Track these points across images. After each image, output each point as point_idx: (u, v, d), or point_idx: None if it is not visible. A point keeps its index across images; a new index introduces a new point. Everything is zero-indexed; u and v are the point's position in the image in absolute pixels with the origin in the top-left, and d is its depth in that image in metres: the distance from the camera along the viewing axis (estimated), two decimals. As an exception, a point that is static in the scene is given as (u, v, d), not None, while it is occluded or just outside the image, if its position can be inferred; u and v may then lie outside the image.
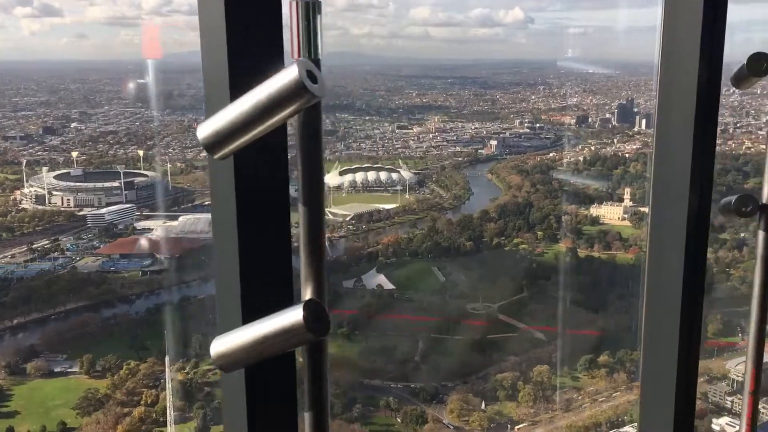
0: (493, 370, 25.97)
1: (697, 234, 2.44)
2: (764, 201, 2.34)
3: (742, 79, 2.27)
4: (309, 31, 1.14)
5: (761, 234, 2.38)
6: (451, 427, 24.11)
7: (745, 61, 2.20)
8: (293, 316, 1.12)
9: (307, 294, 1.19)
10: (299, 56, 1.13)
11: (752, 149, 30.56)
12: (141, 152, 36.20)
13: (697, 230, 2.43)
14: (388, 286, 29.21)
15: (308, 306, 1.13)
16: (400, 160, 36.09)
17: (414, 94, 40.49)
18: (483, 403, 24.60)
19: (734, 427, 21.23)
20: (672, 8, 2.35)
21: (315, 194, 1.18)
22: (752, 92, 32.57)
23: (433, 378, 25.76)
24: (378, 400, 24.94)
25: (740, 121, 32.09)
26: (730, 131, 31.91)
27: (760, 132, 31.35)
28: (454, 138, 37.48)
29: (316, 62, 1.13)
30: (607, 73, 38.19)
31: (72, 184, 33.13)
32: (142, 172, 35.08)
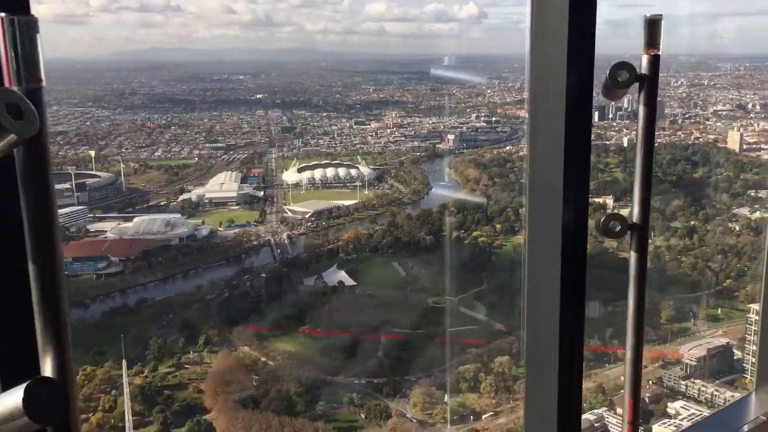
0: (455, 363, 26.21)
1: (575, 245, 2.41)
2: (634, 220, 2.30)
3: (609, 89, 2.26)
4: (18, 53, 0.98)
5: (632, 255, 2.33)
6: (415, 421, 24.26)
7: (608, 72, 2.18)
8: (11, 400, 0.89)
9: (46, 370, 0.96)
10: (9, 84, 0.98)
11: (700, 139, 31.40)
12: (92, 152, 35.40)
13: (573, 245, 2.40)
14: (349, 282, 29.19)
15: (34, 387, 0.89)
16: (358, 156, 36.06)
17: (371, 90, 40.44)
18: (446, 395, 24.82)
19: (688, 410, 21.88)
20: (538, 9, 2.30)
21: (48, 245, 0.97)
22: (699, 83, 33.47)
23: (395, 373, 25.87)
24: (341, 397, 24.94)
25: (688, 112, 32.93)
26: (679, 122, 32.71)
27: (707, 122, 32.22)
28: (412, 133, 37.60)
29: (34, 91, 0.96)
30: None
31: (21, 186, 32.19)
32: (94, 173, 34.32)
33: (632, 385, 2.35)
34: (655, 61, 2.20)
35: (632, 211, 2.33)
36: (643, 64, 2.21)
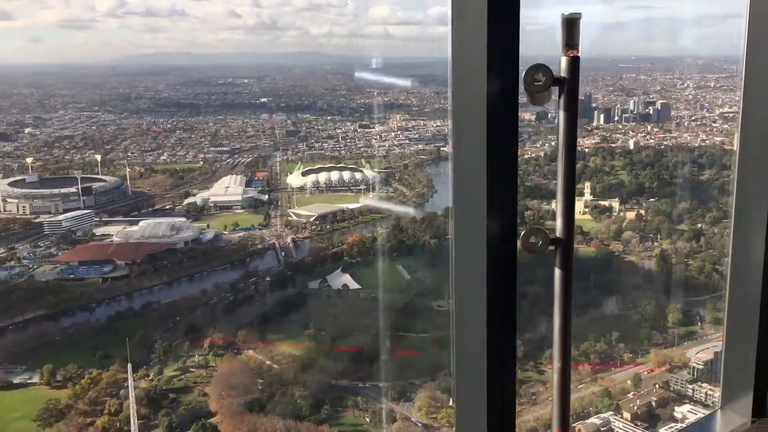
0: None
1: (502, 256, 2.23)
2: (558, 235, 2.13)
3: (530, 93, 2.09)
4: None
5: (557, 271, 2.18)
6: (420, 425, 24.17)
7: (523, 75, 2.01)
8: None
9: None
10: None
11: (707, 141, 31.28)
12: (98, 157, 35.50)
13: (500, 256, 2.22)
14: (354, 285, 29.15)
15: None
16: (362, 160, 36.03)
17: (375, 93, 40.44)
18: (451, 399, 24.71)
19: (695, 414, 21.73)
20: (458, 11, 2.11)
21: None
22: (706, 85, 33.34)
23: (400, 376, 25.78)
24: (346, 401, 24.89)
25: (695, 114, 32.81)
26: (686, 124, 32.61)
27: (714, 124, 32.09)
28: (417, 136, 37.56)
29: None
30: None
31: (27, 191, 32.33)
32: (100, 176, 34.41)
33: (560, 406, 2.22)
34: (574, 63, 2.04)
35: (556, 225, 2.15)
36: (562, 67, 2.05)
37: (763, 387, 2.85)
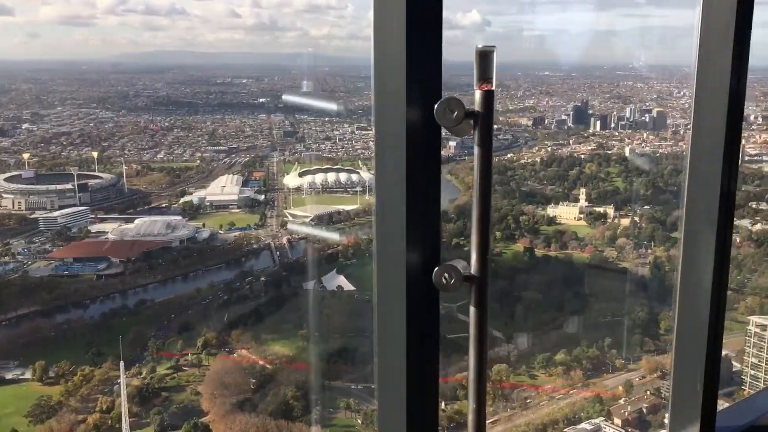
0: (452, 370, 26.12)
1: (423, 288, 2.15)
2: (472, 272, 2.05)
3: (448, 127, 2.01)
4: None
5: (471, 310, 2.11)
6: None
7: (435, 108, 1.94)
8: None
9: None
10: None
11: (702, 150, 31.41)
12: (95, 154, 35.49)
13: (421, 287, 2.13)
14: (348, 287, 29.16)
15: None
16: (359, 161, 36.08)
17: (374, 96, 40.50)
18: (443, 402, 24.74)
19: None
20: (379, 17, 2.03)
21: None
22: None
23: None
24: (339, 402, 24.89)
25: (690, 123, 32.97)
26: (681, 132, 32.76)
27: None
28: (414, 139, 37.63)
29: None
30: (562, 75, 38.83)
31: (23, 186, 32.32)
32: (96, 174, 34.39)
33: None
34: (488, 96, 1.96)
35: (470, 260, 2.06)
36: (476, 100, 1.97)
37: (711, 415, 2.83)
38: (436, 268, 2.01)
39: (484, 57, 1.97)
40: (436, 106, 1.92)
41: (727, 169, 2.51)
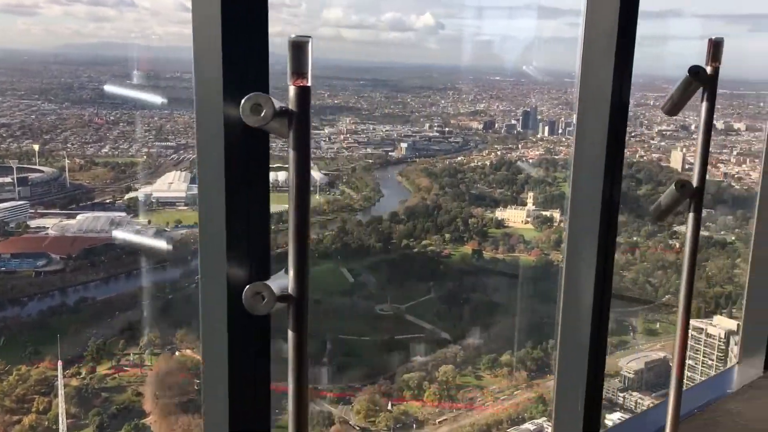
0: (400, 371, 26.25)
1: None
2: (289, 291, 1.89)
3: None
4: None
5: (290, 333, 1.97)
6: (358, 428, 24.19)
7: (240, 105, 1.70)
8: None
9: None
10: None
11: (645, 157, 32.33)
12: (36, 147, 34.39)
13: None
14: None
15: None
16: (310, 161, 35.87)
17: (326, 95, 40.35)
18: (389, 403, 24.82)
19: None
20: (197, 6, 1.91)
21: None
22: (645, 103, 34.47)
23: (340, 380, 25.77)
24: (284, 404, 24.69)
25: (635, 131, 33.88)
26: (626, 140, 33.59)
27: (652, 141, 33.19)
28: (365, 140, 37.65)
29: None
30: (512, 80, 39.40)
31: (-42, 178, 31.14)
32: (37, 167, 33.32)
33: None
34: (303, 93, 1.75)
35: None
36: (290, 98, 1.77)
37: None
38: (247, 287, 1.78)
39: (298, 48, 1.75)
40: (242, 102, 1.70)
41: (609, 178, 2.51)
